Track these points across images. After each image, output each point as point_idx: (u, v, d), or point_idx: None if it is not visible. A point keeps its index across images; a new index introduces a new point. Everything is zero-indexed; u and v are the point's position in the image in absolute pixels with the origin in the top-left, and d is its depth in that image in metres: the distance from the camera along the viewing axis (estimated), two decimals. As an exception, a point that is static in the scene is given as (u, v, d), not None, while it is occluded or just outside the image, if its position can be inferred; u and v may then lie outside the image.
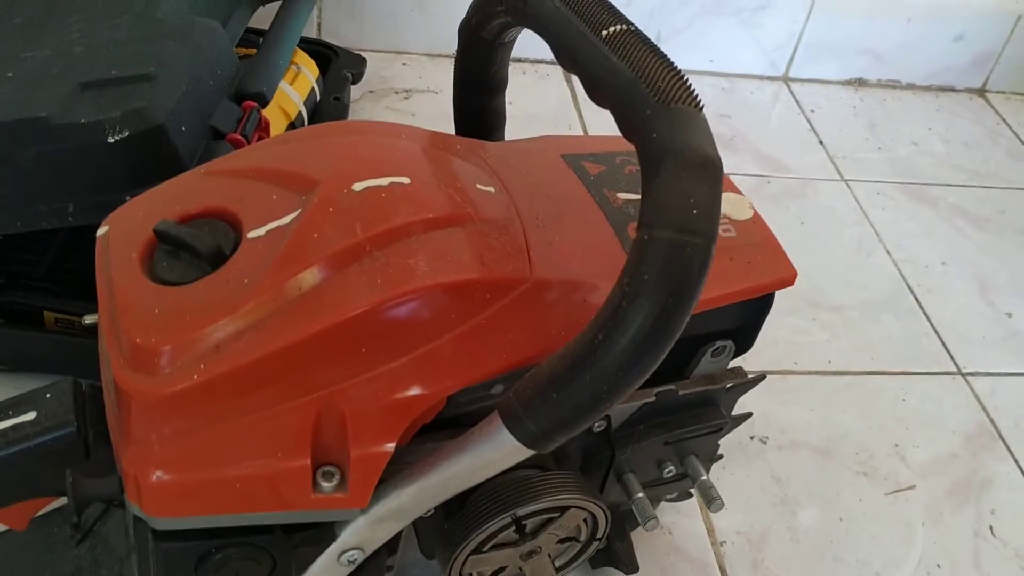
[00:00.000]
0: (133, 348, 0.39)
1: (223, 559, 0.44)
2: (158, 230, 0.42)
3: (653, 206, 0.37)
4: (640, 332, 0.36)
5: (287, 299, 0.40)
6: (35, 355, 0.65)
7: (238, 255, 0.41)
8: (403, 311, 0.41)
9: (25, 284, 0.64)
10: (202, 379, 0.38)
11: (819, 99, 1.23)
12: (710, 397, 0.56)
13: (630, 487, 0.55)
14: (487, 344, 0.43)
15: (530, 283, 0.44)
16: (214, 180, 0.45)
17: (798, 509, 0.72)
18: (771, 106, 1.21)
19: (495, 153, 0.51)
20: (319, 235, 0.41)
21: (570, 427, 0.39)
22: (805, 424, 0.79)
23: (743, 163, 1.08)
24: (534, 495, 0.50)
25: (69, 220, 0.55)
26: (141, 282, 0.41)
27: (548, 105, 1.11)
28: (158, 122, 0.53)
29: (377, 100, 1.06)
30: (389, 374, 0.41)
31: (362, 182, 0.43)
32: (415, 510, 0.46)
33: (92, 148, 0.53)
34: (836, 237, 1.00)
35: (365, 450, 0.42)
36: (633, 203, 0.50)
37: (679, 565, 0.66)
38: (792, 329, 0.87)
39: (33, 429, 0.45)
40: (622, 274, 0.37)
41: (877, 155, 1.15)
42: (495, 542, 0.51)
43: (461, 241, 0.43)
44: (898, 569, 0.69)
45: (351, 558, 0.47)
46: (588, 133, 1.09)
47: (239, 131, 0.59)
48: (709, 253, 0.37)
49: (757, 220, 0.53)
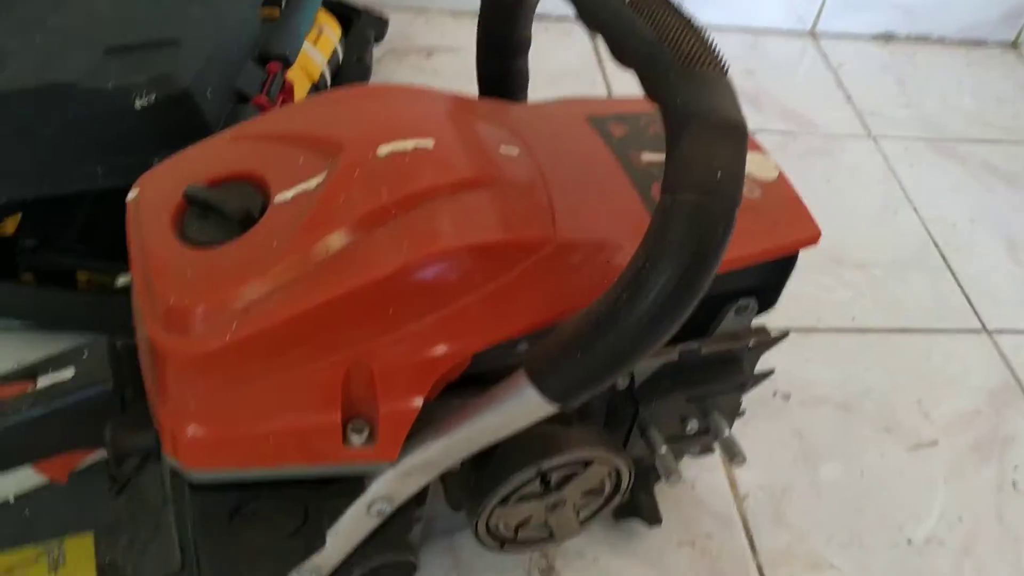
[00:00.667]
0: (167, 309, 0.40)
1: (257, 510, 0.46)
2: (188, 194, 0.43)
3: (676, 170, 0.38)
4: (663, 293, 0.37)
5: (315, 261, 0.41)
6: (68, 314, 0.67)
7: (266, 218, 0.42)
8: (429, 272, 0.41)
9: (58, 245, 0.66)
10: (235, 338, 0.40)
11: (847, 54, 1.21)
12: (733, 354, 0.56)
13: (653, 442, 0.56)
14: (512, 304, 0.44)
15: (554, 244, 0.44)
16: (241, 144, 0.46)
17: (820, 464, 0.72)
18: (798, 62, 1.19)
19: (519, 115, 0.51)
20: (345, 198, 0.42)
21: (593, 384, 0.40)
22: (828, 381, 0.79)
23: (769, 120, 1.07)
24: (559, 449, 0.51)
25: (99, 183, 0.56)
26: (173, 245, 0.42)
27: (571, 63, 1.10)
28: (184, 86, 0.54)
29: (399, 59, 1.06)
30: (416, 333, 0.42)
31: (387, 145, 0.44)
32: (442, 463, 0.47)
33: (120, 112, 0.54)
34: (862, 194, 0.99)
35: (394, 405, 0.43)
36: (657, 164, 0.50)
37: (702, 518, 0.67)
38: (816, 286, 0.87)
39: (72, 386, 0.46)
40: (645, 236, 0.38)
41: (906, 111, 1.13)
42: (521, 494, 0.52)
43: (486, 203, 0.43)
44: (920, 523, 0.70)
45: (380, 509, 0.49)
46: (612, 91, 1.08)
47: (264, 93, 0.60)
48: (732, 216, 0.37)
49: (782, 180, 0.53)
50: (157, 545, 0.54)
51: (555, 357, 0.40)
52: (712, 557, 0.65)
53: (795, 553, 0.66)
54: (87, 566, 0.55)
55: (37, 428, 0.46)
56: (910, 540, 0.69)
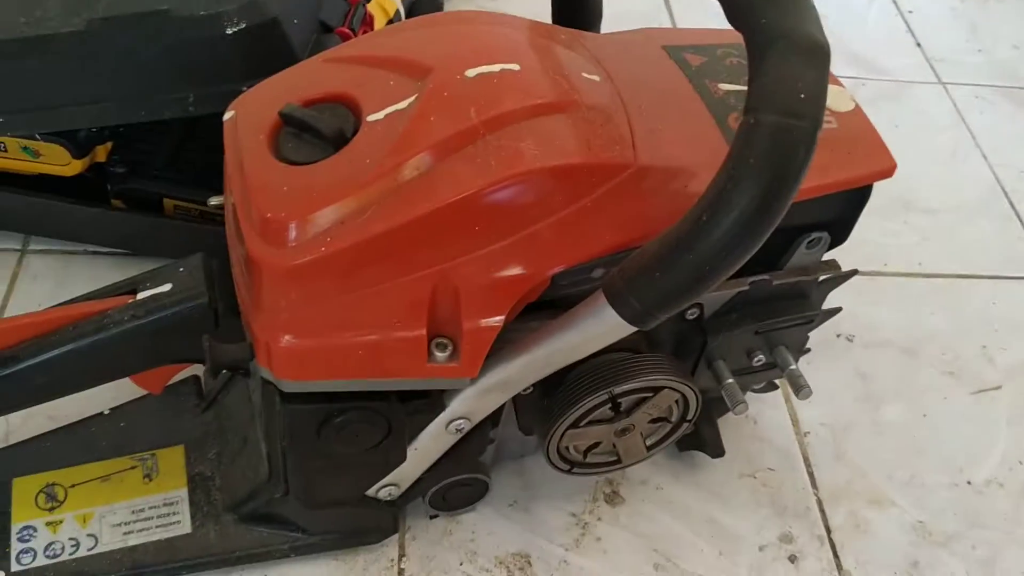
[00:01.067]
0: (264, 222, 0.42)
1: (344, 422, 0.48)
2: (284, 113, 0.44)
3: (760, 91, 0.38)
4: (744, 214, 0.38)
5: (406, 179, 0.42)
6: (156, 240, 0.69)
7: (359, 137, 0.44)
8: (514, 192, 0.43)
9: (146, 172, 0.68)
10: (328, 251, 0.41)
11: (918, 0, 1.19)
12: (802, 289, 0.57)
13: (720, 373, 0.57)
14: (591, 226, 0.45)
15: (634, 169, 0.45)
16: (333, 67, 0.48)
17: (882, 404, 0.73)
18: (867, 7, 1.17)
19: (597, 43, 0.52)
20: (436, 119, 0.43)
21: (671, 305, 0.41)
22: (892, 324, 0.79)
23: (837, 65, 1.03)
24: (630, 374, 0.52)
25: (190, 110, 0.58)
26: (269, 162, 0.44)
27: (638, 3, 1.10)
28: (273, 15, 0.56)
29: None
30: (500, 252, 0.44)
31: (475, 68, 0.45)
32: (520, 382, 0.49)
33: (211, 40, 0.55)
34: (931, 141, 0.98)
35: (476, 323, 0.44)
36: (734, 94, 0.51)
37: (764, 452, 0.68)
38: (882, 231, 0.87)
39: (169, 299, 0.49)
40: (727, 157, 0.38)
41: (976, 57, 1.11)
42: (591, 418, 0.54)
43: (569, 127, 0.44)
44: (980, 465, 0.70)
45: (459, 427, 0.51)
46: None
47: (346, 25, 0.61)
48: (814, 138, 0.38)
49: (858, 112, 0.53)
50: (245, 458, 0.57)
51: (634, 277, 0.41)
52: (773, 490, 0.66)
53: (855, 489, 0.67)
54: (178, 476, 0.58)
55: (137, 339, 0.49)
56: (970, 481, 0.69)
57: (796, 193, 0.38)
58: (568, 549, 0.61)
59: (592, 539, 0.62)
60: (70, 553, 0.54)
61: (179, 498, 0.57)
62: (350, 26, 0.61)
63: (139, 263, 0.72)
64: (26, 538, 0.55)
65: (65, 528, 0.55)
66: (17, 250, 0.74)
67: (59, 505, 0.56)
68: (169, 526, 0.56)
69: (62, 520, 0.56)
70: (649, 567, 0.61)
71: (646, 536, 0.63)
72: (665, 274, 0.40)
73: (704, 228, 0.38)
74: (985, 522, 0.67)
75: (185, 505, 0.57)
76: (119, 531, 0.55)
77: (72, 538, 0.55)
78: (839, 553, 0.64)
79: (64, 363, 0.49)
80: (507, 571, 0.60)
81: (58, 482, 0.57)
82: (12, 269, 0.72)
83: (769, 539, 0.64)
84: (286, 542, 0.56)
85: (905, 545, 0.65)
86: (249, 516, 0.56)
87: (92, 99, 0.59)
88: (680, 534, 0.63)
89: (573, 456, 0.57)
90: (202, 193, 0.66)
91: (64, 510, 0.56)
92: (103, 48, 0.56)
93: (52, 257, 0.73)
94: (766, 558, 0.63)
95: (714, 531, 0.64)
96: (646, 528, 0.63)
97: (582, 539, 0.62)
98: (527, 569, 0.60)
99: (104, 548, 0.55)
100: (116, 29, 0.55)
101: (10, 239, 0.74)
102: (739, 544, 0.63)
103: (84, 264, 0.73)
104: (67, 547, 0.55)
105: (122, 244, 0.71)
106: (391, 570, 0.59)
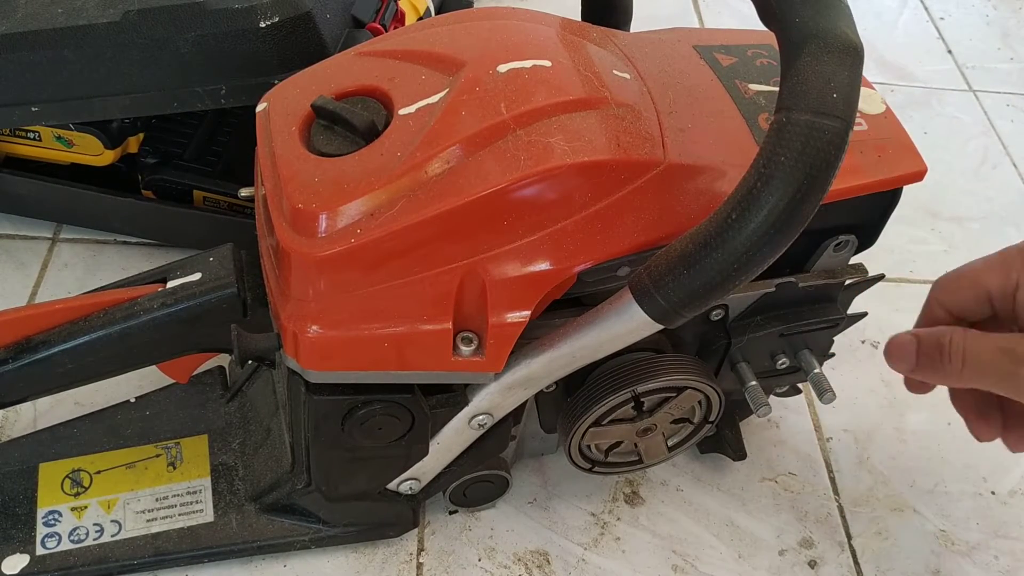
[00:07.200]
0: (295, 212, 0.43)
1: (368, 414, 0.48)
2: (316, 105, 0.45)
3: (792, 89, 0.38)
4: (773, 212, 0.38)
5: (437, 172, 0.42)
6: (185, 231, 0.70)
7: (390, 130, 0.44)
8: (544, 188, 0.43)
9: (176, 164, 0.69)
10: (358, 243, 0.42)
11: (949, 6, 1.18)
12: (828, 292, 0.57)
13: (744, 375, 0.57)
14: (619, 224, 0.45)
15: (663, 166, 0.45)
16: (365, 60, 0.48)
17: (906, 411, 0.72)
18: (898, 13, 1.17)
19: (628, 41, 0.52)
20: (467, 113, 0.43)
21: (698, 303, 0.41)
22: (918, 331, 0.78)
23: (867, 71, 1.02)
24: (654, 373, 0.52)
25: (222, 102, 0.59)
26: (301, 153, 0.44)
27: (667, 6, 1.10)
28: (306, 9, 0.56)
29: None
30: (528, 247, 0.44)
31: (506, 64, 0.45)
32: (544, 379, 0.49)
33: (245, 32, 0.56)
34: (960, 148, 0.98)
35: (502, 318, 0.44)
36: (764, 94, 0.51)
37: (786, 456, 0.68)
38: (909, 238, 0.86)
39: (199, 288, 0.49)
40: (758, 156, 0.38)
41: (1008, 65, 1.10)
42: (614, 416, 0.54)
43: (599, 123, 0.45)
44: (1006, 474, 0.70)
45: (481, 422, 0.51)
46: (707, 37, 1.07)
47: (378, 20, 0.61)
48: (846, 137, 0.38)
49: (889, 115, 0.53)
50: (268, 449, 0.58)
51: (661, 274, 0.41)
52: (794, 495, 0.66)
53: (877, 496, 0.67)
54: (202, 464, 0.58)
55: (166, 327, 0.49)
56: (994, 491, 0.69)
57: (826, 193, 0.38)
58: (587, 548, 0.61)
59: (611, 539, 0.62)
60: (94, 539, 0.55)
61: (202, 487, 0.57)
62: (381, 22, 0.61)
63: (168, 253, 0.73)
64: (51, 523, 0.55)
65: (90, 514, 0.56)
66: (48, 238, 0.74)
67: (84, 491, 0.57)
68: (192, 514, 0.56)
69: (87, 506, 0.56)
70: (668, 568, 0.61)
71: (665, 537, 0.63)
72: (692, 272, 0.40)
73: (733, 226, 0.38)
74: (1008, 532, 0.66)
75: (208, 494, 0.57)
76: (143, 518, 0.56)
77: (96, 524, 0.56)
78: (859, 560, 0.63)
79: (93, 349, 0.49)
80: (525, 568, 0.60)
81: (84, 468, 0.58)
82: (43, 257, 0.73)
83: (789, 544, 0.63)
84: (307, 533, 0.56)
85: (927, 554, 0.64)
86: (271, 507, 0.56)
87: (126, 90, 0.59)
88: (699, 536, 0.63)
89: (594, 455, 0.57)
90: (231, 186, 0.67)
91: (89, 496, 0.57)
92: (138, 39, 0.56)
93: (82, 246, 0.74)
94: (786, 563, 0.62)
95: (734, 534, 0.63)
96: (665, 529, 0.63)
97: (601, 538, 0.62)
98: (545, 567, 0.60)
99: (128, 534, 0.55)
100: (151, 21, 0.56)
101: (42, 227, 0.75)
102: (759, 548, 0.63)
103: (113, 253, 0.74)
104: (91, 532, 0.55)
105: (151, 234, 0.72)
106: (409, 564, 0.59)
